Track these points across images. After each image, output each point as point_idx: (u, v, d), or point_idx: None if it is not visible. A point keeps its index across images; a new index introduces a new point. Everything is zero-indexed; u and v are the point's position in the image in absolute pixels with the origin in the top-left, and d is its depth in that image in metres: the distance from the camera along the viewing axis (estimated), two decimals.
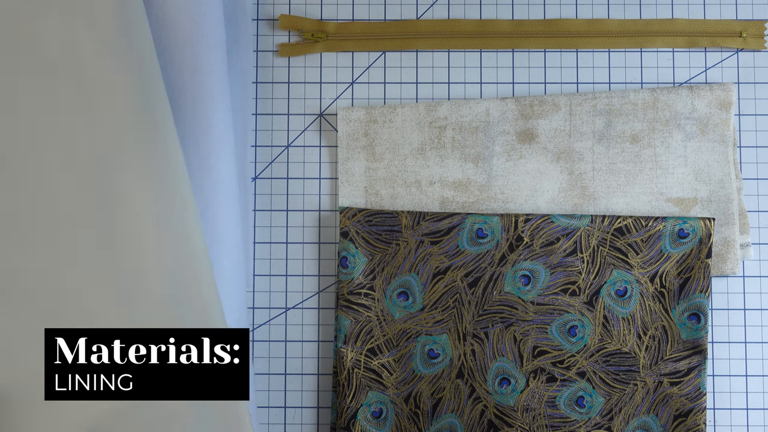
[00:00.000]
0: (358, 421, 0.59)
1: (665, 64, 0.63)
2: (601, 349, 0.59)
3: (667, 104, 0.61)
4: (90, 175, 0.42)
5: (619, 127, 0.61)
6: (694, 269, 0.59)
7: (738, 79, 0.63)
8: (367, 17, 0.64)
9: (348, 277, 0.60)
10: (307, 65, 0.64)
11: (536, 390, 0.59)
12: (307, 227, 0.63)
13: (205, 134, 0.54)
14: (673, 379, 0.59)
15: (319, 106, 0.63)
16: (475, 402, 0.59)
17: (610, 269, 0.59)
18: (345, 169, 0.62)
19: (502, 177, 0.61)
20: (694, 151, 0.61)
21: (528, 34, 0.63)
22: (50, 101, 0.42)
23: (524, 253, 0.60)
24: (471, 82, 0.63)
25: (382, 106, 0.62)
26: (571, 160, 0.61)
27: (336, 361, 0.60)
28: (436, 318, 0.60)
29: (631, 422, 0.59)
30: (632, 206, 0.61)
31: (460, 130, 0.61)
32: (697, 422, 0.58)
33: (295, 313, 0.62)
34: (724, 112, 0.61)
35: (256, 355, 0.62)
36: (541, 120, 0.61)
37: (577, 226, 0.59)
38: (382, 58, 0.64)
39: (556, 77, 0.63)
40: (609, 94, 0.62)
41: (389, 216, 0.60)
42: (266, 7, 0.64)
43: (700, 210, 0.61)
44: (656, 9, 0.63)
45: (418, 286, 0.60)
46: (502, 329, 0.59)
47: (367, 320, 0.60)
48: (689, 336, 0.59)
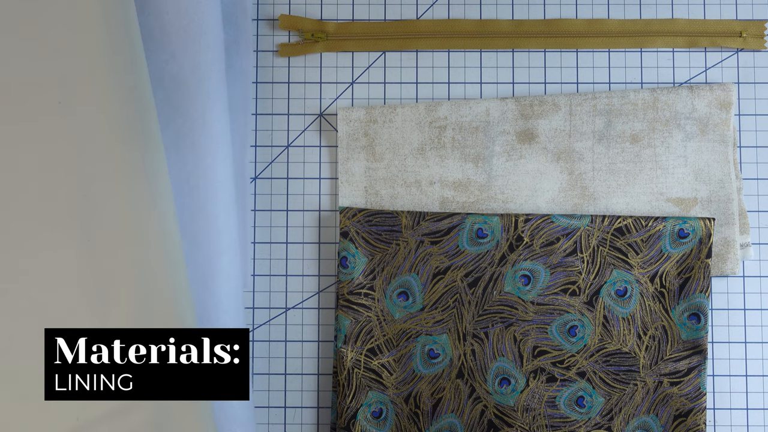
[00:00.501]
0: (358, 421, 0.59)
1: (665, 64, 0.63)
2: (601, 349, 0.59)
3: (667, 104, 0.61)
4: (70, 178, 0.43)
5: (619, 127, 0.61)
6: (694, 269, 0.59)
7: (738, 79, 0.63)
8: (367, 17, 0.64)
9: (348, 277, 0.60)
10: (307, 65, 0.64)
11: (536, 390, 0.59)
12: (307, 227, 0.63)
13: (201, 133, 0.54)
14: (673, 379, 0.59)
15: (319, 106, 0.63)
16: (475, 402, 0.59)
17: (610, 269, 0.59)
18: (345, 169, 0.62)
19: (502, 177, 0.61)
20: (694, 151, 0.61)
21: (528, 34, 0.63)
22: (29, 104, 0.43)
23: (524, 253, 0.60)
24: (471, 82, 0.63)
25: (382, 106, 0.62)
26: (571, 160, 0.61)
27: (336, 361, 0.60)
28: (436, 318, 0.60)
29: (631, 422, 0.59)
30: (632, 206, 0.61)
31: (460, 130, 0.61)
32: (697, 422, 0.58)
33: (295, 313, 0.62)
34: (724, 112, 0.61)
35: (256, 355, 0.62)
36: (541, 120, 0.61)
37: (577, 226, 0.59)
38: (382, 58, 0.64)
39: (556, 77, 0.63)
40: (609, 94, 0.62)
41: (389, 216, 0.60)
42: (266, 7, 0.64)
43: (700, 210, 0.61)
44: (656, 9, 0.63)
45: (418, 286, 0.60)
46: (502, 329, 0.59)
47: (367, 320, 0.60)
48: (689, 336, 0.59)
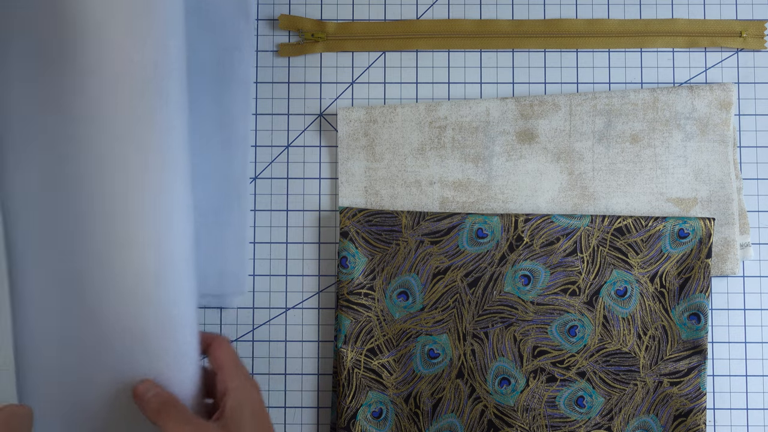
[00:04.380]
0: (358, 421, 0.59)
1: (665, 64, 0.63)
2: (601, 349, 0.59)
3: (667, 104, 0.61)
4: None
5: (619, 127, 0.61)
6: (694, 269, 0.59)
7: (738, 79, 0.63)
8: (367, 17, 0.64)
9: (348, 277, 0.60)
10: (307, 65, 0.64)
11: (536, 390, 0.59)
12: (307, 227, 0.63)
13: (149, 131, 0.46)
14: (673, 379, 0.59)
15: (319, 106, 0.63)
16: (475, 402, 0.59)
17: (610, 269, 0.59)
18: (345, 169, 0.62)
19: (502, 177, 0.61)
20: (694, 151, 0.61)
21: (528, 34, 0.63)
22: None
23: (524, 253, 0.60)
24: (471, 82, 0.63)
25: (382, 106, 0.62)
26: (571, 160, 0.61)
27: (336, 361, 0.60)
28: (436, 318, 0.60)
29: (631, 422, 0.59)
30: (632, 206, 0.61)
31: (460, 130, 0.61)
32: (697, 422, 0.58)
33: (295, 313, 0.62)
34: (724, 112, 0.61)
35: (256, 355, 0.62)
36: (541, 120, 0.61)
37: (577, 226, 0.59)
38: (382, 58, 0.64)
39: (556, 77, 0.63)
40: (609, 94, 0.62)
41: (389, 216, 0.60)
42: (266, 7, 0.64)
43: (700, 210, 0.61)
44: (656, 9, 0.63)
45: (418, 286, 0.60)
46: (502, 329, 0.59)
47: (367, 320, 0.60)
48: (689, 336, 0.59)
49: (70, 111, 0.42)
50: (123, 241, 0.43)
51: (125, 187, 0.43)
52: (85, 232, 0.43)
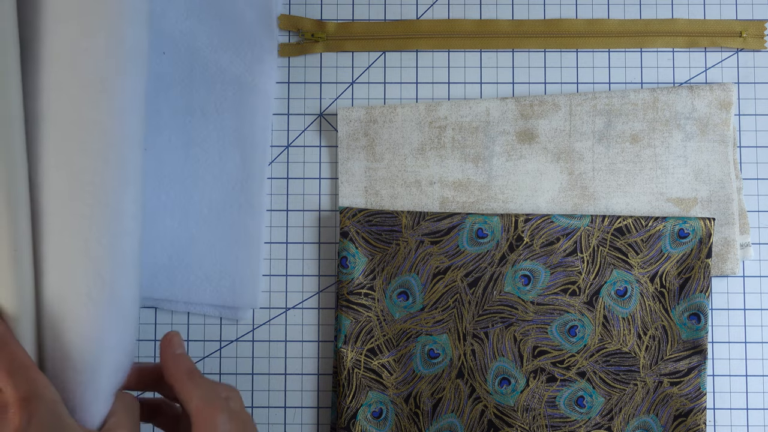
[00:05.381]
0: (358, 421, 0.59)
1: (665, 64, 0.63)
2: (601, 349, 0.59)
3: (667, 104, 0.61)
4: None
5: (619, 127, 0.61)
6: (694, 269, 0.59)
7: (738, 79, 0.63)
8: (367, 17, 0.64)
9: (348, 277, 0.60)
10: (307, 65, 0.64)
11: (536, 390, 0.59)
12: (307, 227, 0.63)
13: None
14: (673, 379, 0.59)
15: (319, 106, 0.63)
16: (475, 402, 0.59)
17: (610, 269, 0.59)
18: (345, 169, 0.62)
19: (502, 177, 0.61)
20: (694, 151, 0.61)
21: (528, 34, 0.63)
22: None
23: (524, 253, 0.60)
24: (471, 82, 0.63)
25: (382, 106, 0.62)
26: (571, 160, 0.61)
27: (336, 361, 0.60)
28: (436, 318, 0.60)
29: (631, 422, 0.59)
30: (632, 206, 0.61)
31: (460, 130, 0.61)
32: (697, 422, 0.58)
33: (295, 313, 0.62)
34: (724, 112, 0.61)
35: (256, 355, 0.62)
36: (541, 120, 0.61)
37: (577, 226, 0.59)
38: (382, 58, 0.64)
39: (556, 77, 0.63)
40: (609, 94, 0.62)
41: (389, 216, 0.60)
42: None
43: (700, 210, 0.61)
44: (656, 9, 0.63)
45: (418, 286, 0.60)
46: (502, 329, 0.59)
47: (367, 320, 0.60)
48: (689, 336, 0.59)
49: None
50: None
51: (66, 189, 0.41)
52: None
